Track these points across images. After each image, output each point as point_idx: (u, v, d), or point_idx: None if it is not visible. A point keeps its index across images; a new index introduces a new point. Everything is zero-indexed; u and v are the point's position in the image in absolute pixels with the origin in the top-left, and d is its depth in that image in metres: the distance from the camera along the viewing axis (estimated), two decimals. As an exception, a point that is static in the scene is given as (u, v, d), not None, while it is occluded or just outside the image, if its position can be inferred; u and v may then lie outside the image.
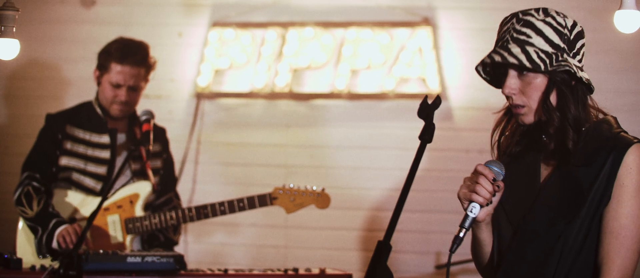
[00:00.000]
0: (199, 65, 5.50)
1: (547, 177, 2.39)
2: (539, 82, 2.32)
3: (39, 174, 4.10)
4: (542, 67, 2.28)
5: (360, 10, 5.39)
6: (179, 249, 4.24)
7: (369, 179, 5.37)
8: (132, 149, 3.89)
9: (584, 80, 2.31)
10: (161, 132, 4.35)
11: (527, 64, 2.28)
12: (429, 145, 2.30)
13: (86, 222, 3.52)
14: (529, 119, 2.37)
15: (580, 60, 2.35)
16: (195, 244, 5.46)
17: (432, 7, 5.35)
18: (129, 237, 4.13)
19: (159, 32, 5.47)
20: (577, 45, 2.35)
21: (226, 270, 3.69)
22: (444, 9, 5.35)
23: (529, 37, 2.31)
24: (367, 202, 5.39)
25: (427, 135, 2.28)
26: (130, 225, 4.13)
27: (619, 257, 2.27)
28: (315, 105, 5.44)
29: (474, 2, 5.33)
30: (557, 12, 2.36)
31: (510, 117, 2.46)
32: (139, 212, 4.15)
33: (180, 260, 3.60)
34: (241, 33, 5.45)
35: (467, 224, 2.30)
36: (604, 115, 2.40)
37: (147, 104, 4.21)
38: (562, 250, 2.31)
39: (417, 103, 2.33)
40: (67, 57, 5.59)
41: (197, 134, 5.50)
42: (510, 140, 2.47)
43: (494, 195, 2.34)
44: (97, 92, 4.24)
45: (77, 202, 4.13)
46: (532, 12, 2.35)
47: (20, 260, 3.61)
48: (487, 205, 2.34)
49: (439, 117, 2.62)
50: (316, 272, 3.72)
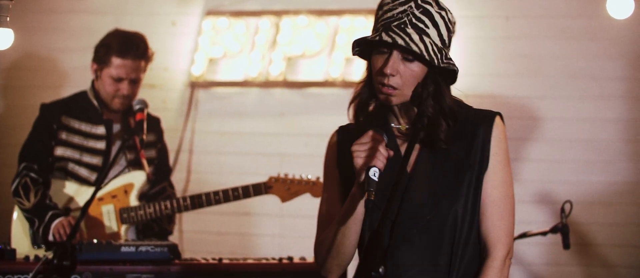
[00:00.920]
0: (193, 54, 5.49)
1: (416, 160, 2.39)
2: (419, 71, 2.34)
3: (36, 165, 4.11)
4: (436, 62, 2.30)
5: (353, -2, 5.38)
6: (173, 239, 4.24)
7: (364, 167, 5.36)
8: (126, 138, 3.88)
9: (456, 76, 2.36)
10: (155, 122, 4.35)
11: (426, 57, 2.29)
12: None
13: (80, 212, 3.52)
14: (395, 101, 2.37)
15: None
16: (189, 233, 5.46)
17: (425, -6, 5.33)
18: (123, 227, 4.14)
19: (152, 21, 5.46)
20: (451, 42, 2.41)
21: (221, 260, 3.69)
22: (438, -4, 5.33)
23: (427, 27, 2.32)
24: (361, 190, 5.38)
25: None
26: (124, 214, 4.14)
27: (504, 223, 2.36)
28: (309, 93, 5.44)
29: (468, -11, 5.32)
30: (446, 7, 2.39)
31: (371, 91, 2.43)
32: (134, 201, 4.15)
33: (174, 249, 3.60)
34: (235, 22, 5.45)
35: (373, 187, 2.23)
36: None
37: (141, 94, 4.20)
38: (454, 230, 2.33)
39: (410, 90, 2.33)
40: (62, 47, 5.58)
41: (191, 123, 5.50)
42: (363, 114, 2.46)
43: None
44: (93, 82, 4.23)
45: (73, 192, 4.14)
46: (430, 0, 2.36)
47: (14, 251, 3.60)
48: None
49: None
50: (311, 260, 3.73)
